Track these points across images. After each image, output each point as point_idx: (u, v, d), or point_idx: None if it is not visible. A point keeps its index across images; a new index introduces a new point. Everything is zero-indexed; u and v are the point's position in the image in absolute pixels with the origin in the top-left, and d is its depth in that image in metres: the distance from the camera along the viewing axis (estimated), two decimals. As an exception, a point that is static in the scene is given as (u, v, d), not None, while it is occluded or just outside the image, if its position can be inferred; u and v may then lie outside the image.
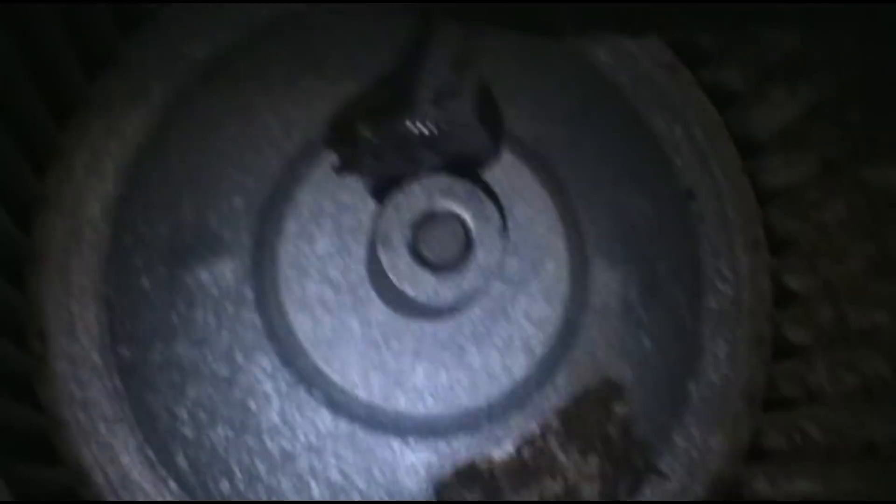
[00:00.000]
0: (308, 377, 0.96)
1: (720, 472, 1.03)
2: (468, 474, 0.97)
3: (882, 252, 0.95)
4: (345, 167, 0.95)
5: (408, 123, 0.87)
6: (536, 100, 1.05)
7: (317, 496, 0.96)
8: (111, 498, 0.95)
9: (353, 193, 0.98)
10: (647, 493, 1.02)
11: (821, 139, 1.02)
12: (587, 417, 0.99)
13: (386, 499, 0.96)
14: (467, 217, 0.89)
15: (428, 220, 0.89)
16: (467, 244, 0.89)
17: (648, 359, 1.03)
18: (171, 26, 1.05)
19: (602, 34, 1.05)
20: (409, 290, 0.87)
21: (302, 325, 0.96)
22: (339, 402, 0.96)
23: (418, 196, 0.88)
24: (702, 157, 1.09)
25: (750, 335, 1.06)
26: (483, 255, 0.88)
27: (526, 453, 0.98)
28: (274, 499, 0.95)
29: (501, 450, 0.98)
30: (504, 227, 0.89)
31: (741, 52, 1.07)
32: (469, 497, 0.97)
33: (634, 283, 1.03)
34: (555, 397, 0.99)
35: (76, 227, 0.99)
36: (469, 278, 0.88)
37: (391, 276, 0.87)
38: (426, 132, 0.88)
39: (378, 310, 0.97)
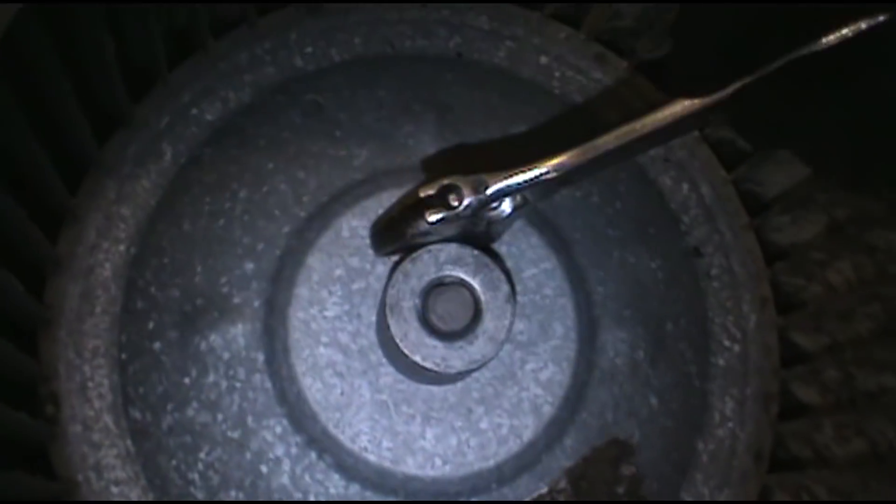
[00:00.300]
0: (319, 441, 0.97)
1: (729, 530, 1.04)
2: (478, 536, 0.98)
3: (888, 314, 0.96)
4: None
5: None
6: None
7: (327, 558, 0.96)
8: (124, 561, 0.96)
9: (363, 258, 0.99)
10: (657, 552, 1.02)
11: (827, 200, 1.02)
12: (596, 478, 1.00)
13: (396, 562, 0.97)
14: (476, 285, 0.90)
15: (437, 289, 0.90)
16: (476, 312, 0.90)
17: (656, 418, 1.04)
18: (181, 88, 1.06)
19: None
20: (419, 359, 0.88)
21: (312, 389, 0.97)
22: (349, 466, 0.97)
23: (427, 264, 0.89)
24: (709, 215, 1.10)
25: (757, 392, 1.07)
26: (492, 323, 0.89)
27: (535, 515, 0.99)
28: (285, 561, 0.96)
29: (511, 512, 0.99)
30: (512, 293, 0.90)
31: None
32: (479, 558, 0.98)
33: (642, 343, 1.04)
34: (563, 458, 1.00)
35: (89, 291, 1.00)
36: (478, 346, 0.89)
37: (401, 345, 0.88)
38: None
39: (388, 374, 0.98)
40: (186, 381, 0.98)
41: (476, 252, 0.90)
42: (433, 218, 0.86)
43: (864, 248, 0.98)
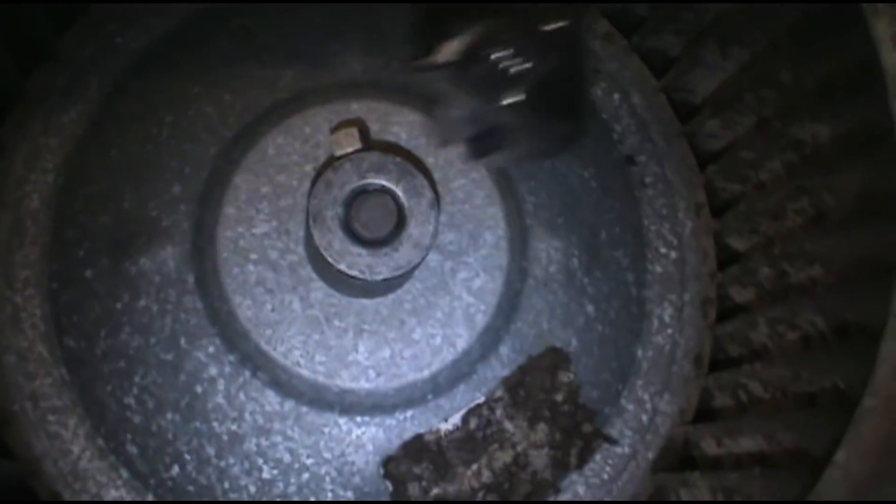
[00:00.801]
0: (252, 359, 0.97)
1: (670, 435, 1.04)
2: (416, 448, 0.98)
3: (816, 208, 0.96)
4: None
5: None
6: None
7: (266, 476, 0.97)
8: (62, 488, 0.96)
9: (290, 175, 0.99)
10: (598, 459, 1.02)
11: (754, 100, 1.02)
12: (533, 386, 1.00)
13: (335, 475, 0.97)
14: (399, 191, 0.90)
15: (359, 197, 0.90)
16: (400, 219, 0.90)
17: (593, 326, 1.04)
18: (104, 18, 1.05)
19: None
20: (345, 268, 0.88)
21: (243, 307, 0.97)
22: (284, 383, 0.97)
23: (349, 172, 0.89)
24: (641, 123, 1.10)
25: (695, 297, 1.07)
26: (416, 230, 0.89)
27: (473, 424, 0.99)
28: (225, 481, 0.96)
29: (448, 422, 0.99)
30: (436, 200, 0.90)
31: (674, 17, 1.07)
32: (417, 471, 0.98)
33: (576, 251, 1.04)
34: (499, 368, 1.00)
35: (18, 222, 1.00)
36: (403, 252, 0.89)
37: (325, 254, 0.88)
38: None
39: (318, 289, 0.98)
40: (119, 306, 0.98)
41: (398, 159, 0.90)
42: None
43: (792, 143, 0.98)
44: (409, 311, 0.98)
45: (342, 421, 0.97)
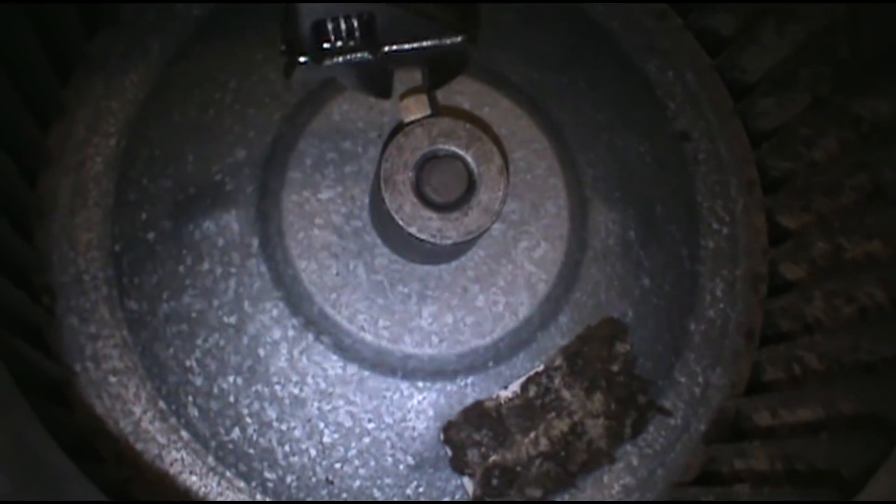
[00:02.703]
0: (316, 323, 0.97)
1: (721, 406, 1.05)
2: (476, 414, 0.99)
3: (874, 183, 0.97)
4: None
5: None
6: (531, 46, 1.07)
7: (327, 440, 0.97)
8: (124, 448, 0.96)
9: (355, 142, 1.00)
10: (652, 430, 1.03)
11: (811, 77, 1.03)
12: (590, 356, 1.01)
13: (395, 439, 0.97)
14: (469, 157, 0.90)
15: (430, 161, 0.90)
16: (470, 184, 0.90)
17: (648, 298, 1.05)
18: (167, -16, 1.06)
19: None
20: (415, 231, 0.89)
21: (308, 271, 0.97)
22: (347, 347, 0.97)
23: (420, 137, 0.90)
24: (694, 101, 1.11)
25: (747, 273, 1.08)
26: (486, 195, 0.90)
27: (532, 392, 1.00)
28: (286, 444, 0.96)
29: (508, 389, 1.00)
30: (505, 166, 0.91)
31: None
32: (476, 437, 0.98)
33: (633, 224, 1.05)
34: (558, 337, 1.01)
35: (81, 184, 1.00)
36: (473, 217, 0.89)
37: (396, 217, 0.89)
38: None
39: (383, 254, 0.99)
40: (181, 269, 0.99)
41: (468, 125, 0.91)
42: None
43: (850, 119, 0.99)
44: (472, 278, 0.99)
45: (404, 386, 0.98)
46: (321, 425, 0.97)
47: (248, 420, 0.97)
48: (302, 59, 0.89)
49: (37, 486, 0.65)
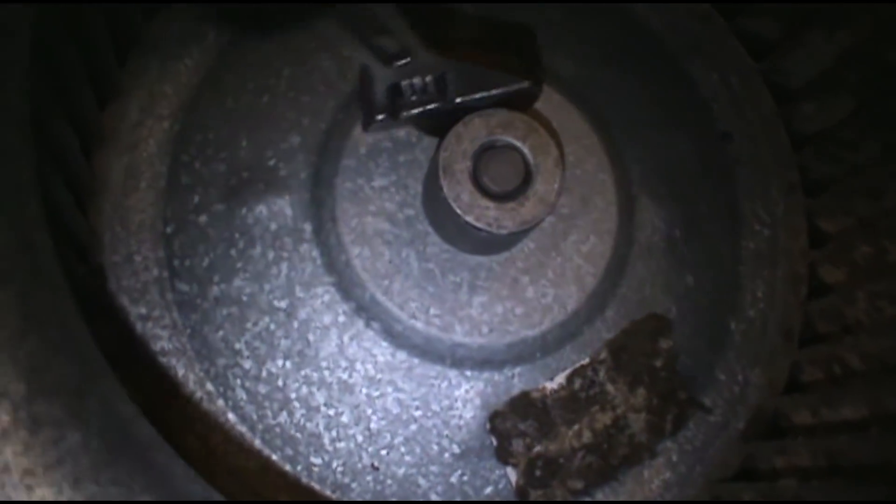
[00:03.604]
0: (366, 309, 0.98)
1: (760, 405, 1.06)
2: (522, 404, 1.00)
3: (919, 186, 0.99)
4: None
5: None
6: (580, 43, 1.08)
7: (374, 426, 0.98)
8: (172, 429, 0.96)
9: (409, 131, 1.01)
10: (692, 426, 1.04)
11: (858, 80, 1.05)
12: (635, 350, 1.02)
13: (441, 427, 0.98)
14: (525, 149, 0.91)
15: (488, 152, 0.91)
16: (526, 175, 0.91)
17: (691, 295, 1.06)
18: (223, -29, 1.06)
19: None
20: (472, 219, 0.90)
21: (361, 257, 0.98)
22: (396, 333, 0.98)
23: (478, 128, 0.91)
24: (737, 103, 1.13)
25: (787, 274, 1.10)
26: (542, 186, 0.91)
27: (577, 384, 1.01)
28: (333, 429, 0.97)
29: (554, 381, 1.00)
30: (561, 159, 0.92)
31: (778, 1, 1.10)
32: (522, 427, 0.99)
33: (678, 221, 1.06)
34: (604, 330, 1.02)
35: (134, 166, 1.01)
36: (529, 207, 0.90)
37: (454, 205, 0.89)
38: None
39: (434, 244, 0.99)
40: (233, 252, 0.99)
41: (526, 118, 0.92)
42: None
43: (894, 123, 1.01)
44: (522, 269, 1.00)
45: (452, 374, 0.99)
46: (369, 411, 0.98)
47: (296, 404, 0.98)
48: (379, 118, 0.96)
49: (128, 452, 0.65)
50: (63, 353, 0.66)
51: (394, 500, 0.98)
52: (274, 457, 0.97)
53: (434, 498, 0.98)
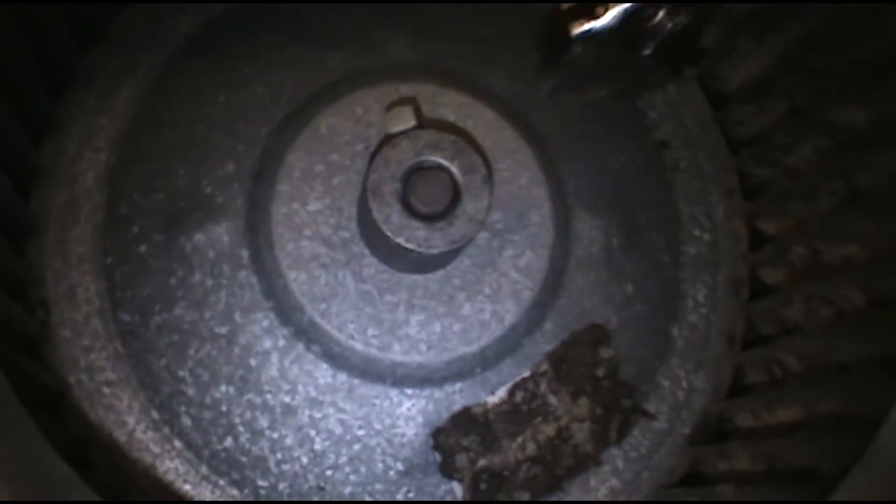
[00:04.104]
0: (306, 332, 0.99)
1: (705, 410, 1.07)
2: (464, 419, 1.01)
3: (850, 189, 1.00)
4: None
5: None
6: (514, 59, 1.09)
7: (318, 447, 0.99)
8: (118, 458, 0.97)
9: (343, 153, 1.02)
10: (637, 434, 1.05)
11: (788, 86, 1.06)
12: (576, 361, 1.03)
13: (385, 446, 0.99)
14: (454, 168, 0.92)
15: (416, 173, 0.92)
16: (455, 194, 0.92)
17: (632, 304, 1.07)
18: (156, 2, 1.07)
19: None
20: (402, 241, 0.91)
21: (298, 281, 0.99)
22: (336, 355, 0.99)
23: (406, 149, 0.92)
24: (674, 110, 1.14)
25: (727, 278, 1.11)
26: (471, 204, 0.92)
27: (519, 397, 1.02)
28: (278, 452, 0.98)
29: (495, 395, 1.01)
30: (489, 176, 0.93)
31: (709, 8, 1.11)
32: (465, 443, 1.00)
33: (615, 232, 1.07)
34: (544, 342, 1.03)
35: (73, 199, 1.02)
36: (459, 226, 0.91)
37: (383, 227, 0.91)
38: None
39: (370, 264, 1.00)
40: (173, 281, 1.00)
41: (453, 137, 0.93)
42: (577, 30, 0.87)
43: (826, 126, 1.02)
44: (459, 286, 1.01)
45: (393, 393, 1.00)
46: (312, 433, 0.99)
47: (241, 429, 0.99)
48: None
49: (41, 495, 0.66)
50: (-25, 399, 0.67)
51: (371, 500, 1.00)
52: (221, 481, 0.98)
53: (381, 515, 1.00)
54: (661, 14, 0.88)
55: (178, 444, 0.99)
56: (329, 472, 0.99)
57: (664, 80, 0.97)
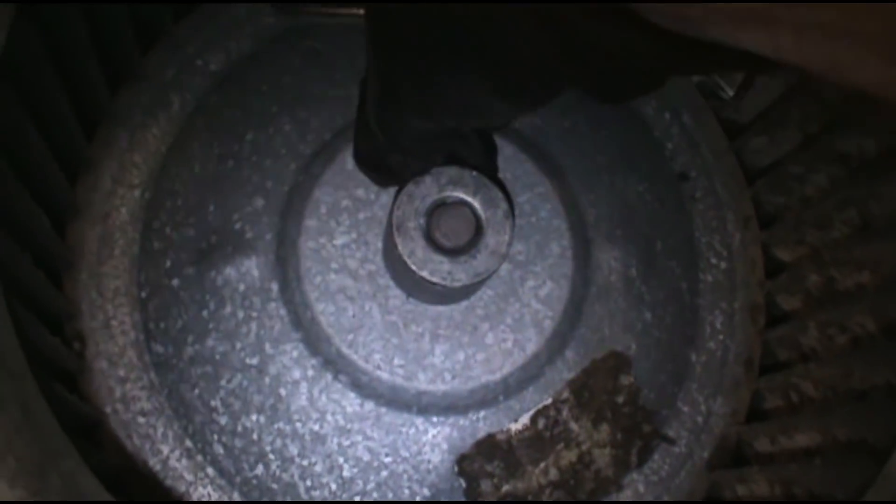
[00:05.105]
0: (334, 362, 1.02)
1: (723, 434, 1.10)
2: (488, 446, 1.03)
3: (863, 217, 1.02)
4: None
5: None
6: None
7: (346, 474, 1.02)
8: (153, 485, 1.01)
9: (368, 189, 1.05)
10: (657, 458, 1.08)
11: (801, 116, 1.09)
12: (596, 388, 1.06)
13: (412, 472, 1.02)
14: (476, 203, 0.95)
15: (439, 208, 0.95)
16: (477, 228, 0.95)
17: (651, 331, 1.09)
18: (186, 41, 1.11)
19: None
20: (427, 275, 0.93)
21: (325, 313, 1.02)
22: (363, 385, 1.02)
23: (430, 186, 0.94)
24: (691, 141, 1.16)
25: (744, 305, 1.13)
26: (493, 238, 0.94)
27: (541, 424, 1.04)
28: (307, 479, 1.01)
29: (518, 422, 1.04)
30: (511, 211, 0.95)
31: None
32: (489, 469, 1.03)
33: (634, 261, 1.10)
34: (565, 370, 1.06)
35: (107, 234, 1.05)
36: (481, 260, 0.94)
37: (408, 262, 0.93)
38: None
39: (396, 296, 1.03)
40: (205, 313, 1.04)
41: (475, 173, 0.95)
42: None
43: (838, 156, 1.04)
44: (482, 316, 1.04)
45: (419, 421, 1.03)
46: (341, 460, 1.02)
47: (271, 457, 1.02)
48: None
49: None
50: (23, 435, 0.70)
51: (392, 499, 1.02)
52: (253, 508, 1.01)
53: (408, 540, 1.02)
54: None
55: (210, 471, 1.02)
56: (357, 499, 1.02)
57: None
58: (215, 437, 1.02)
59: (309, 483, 1.02)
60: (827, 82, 0.42)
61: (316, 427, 1.02)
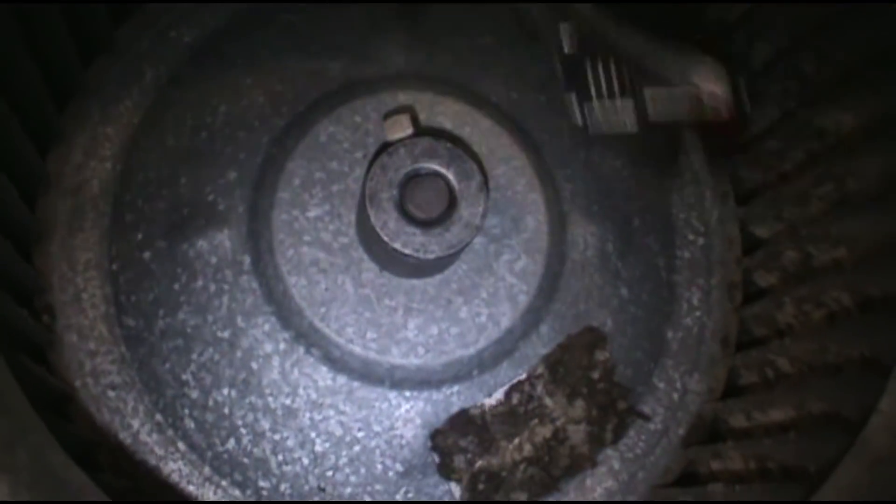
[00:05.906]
0: (306, 336, 1.01)
1: (699, 411, 1.09)
2: (461, 421, 1.02)
3: (840, 193, 1.01)
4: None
5: None
6: (510, 68, 1.11)
7: (318, 449, 1.01)
8: (123, 459, 1.00)
9: (341, 161, 1.04)
10: (632, 435, 1.07)
11: (779, 92, 1.08)
12: (571, 364, 1.05)
13: (384, 447, 1.01)
14: (450, 175, 0.94)
15: (413, 180, 0.94)
16: (451, 200, 0.94)
17: (627, 307, 1.09)
18: (159, 13, 1.10)
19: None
20: (399, 246, 0.93)
21: (298, 286, 1.01)
22: (336, 359, 1.01)
23: (403, 157, 0.94)
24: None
25: (721, 282, 1.13)
26: (466, 210, 0.94)
27: (515, 399, 1.04)
28: (279, 454, 1.00)
29: (492, 397, 1.03)
30: (485, 182, 0.95)
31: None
32: (462, 444, 1.02)
33: (611, 237, 1.09)
34: (540, 345, 1.05)
35: (78, 207, 1.04)
36: (454, 232, 0.93)
37: (381, 233, 0.93)
38: None
39: (369, 270, 1.02)
40: (176, 286, 1.02)
41: (449, 145, 0.95)
42: None
43: (816, 132, 1.03)
44: (456, 290, 1.03)
45: (392, 395, 1.02)
46: (313, 435, 1.01)
47: (243, 431, 1.01)
48: None
49: (58, 499, 0.68)
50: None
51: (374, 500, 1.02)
52: (224, 482, 1.00)
53: (380, 516, 1.02)
54: None
55: (181, 446, 1.01)
56: (329, 473, 1.01)
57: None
58: (186, 411, 1.01)
59: (281, 458, 1.01)
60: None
61: (288, 401, 1.01)
